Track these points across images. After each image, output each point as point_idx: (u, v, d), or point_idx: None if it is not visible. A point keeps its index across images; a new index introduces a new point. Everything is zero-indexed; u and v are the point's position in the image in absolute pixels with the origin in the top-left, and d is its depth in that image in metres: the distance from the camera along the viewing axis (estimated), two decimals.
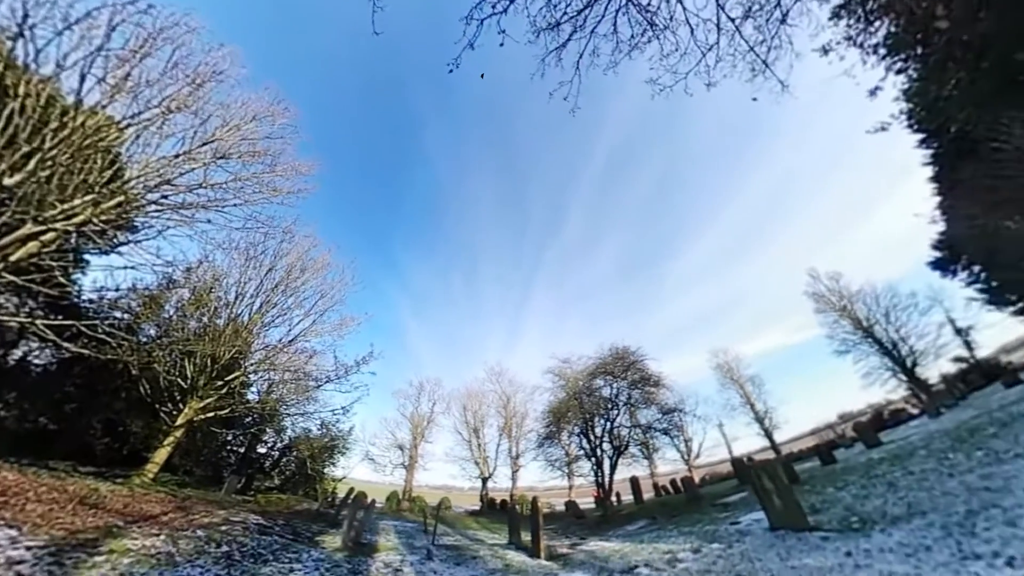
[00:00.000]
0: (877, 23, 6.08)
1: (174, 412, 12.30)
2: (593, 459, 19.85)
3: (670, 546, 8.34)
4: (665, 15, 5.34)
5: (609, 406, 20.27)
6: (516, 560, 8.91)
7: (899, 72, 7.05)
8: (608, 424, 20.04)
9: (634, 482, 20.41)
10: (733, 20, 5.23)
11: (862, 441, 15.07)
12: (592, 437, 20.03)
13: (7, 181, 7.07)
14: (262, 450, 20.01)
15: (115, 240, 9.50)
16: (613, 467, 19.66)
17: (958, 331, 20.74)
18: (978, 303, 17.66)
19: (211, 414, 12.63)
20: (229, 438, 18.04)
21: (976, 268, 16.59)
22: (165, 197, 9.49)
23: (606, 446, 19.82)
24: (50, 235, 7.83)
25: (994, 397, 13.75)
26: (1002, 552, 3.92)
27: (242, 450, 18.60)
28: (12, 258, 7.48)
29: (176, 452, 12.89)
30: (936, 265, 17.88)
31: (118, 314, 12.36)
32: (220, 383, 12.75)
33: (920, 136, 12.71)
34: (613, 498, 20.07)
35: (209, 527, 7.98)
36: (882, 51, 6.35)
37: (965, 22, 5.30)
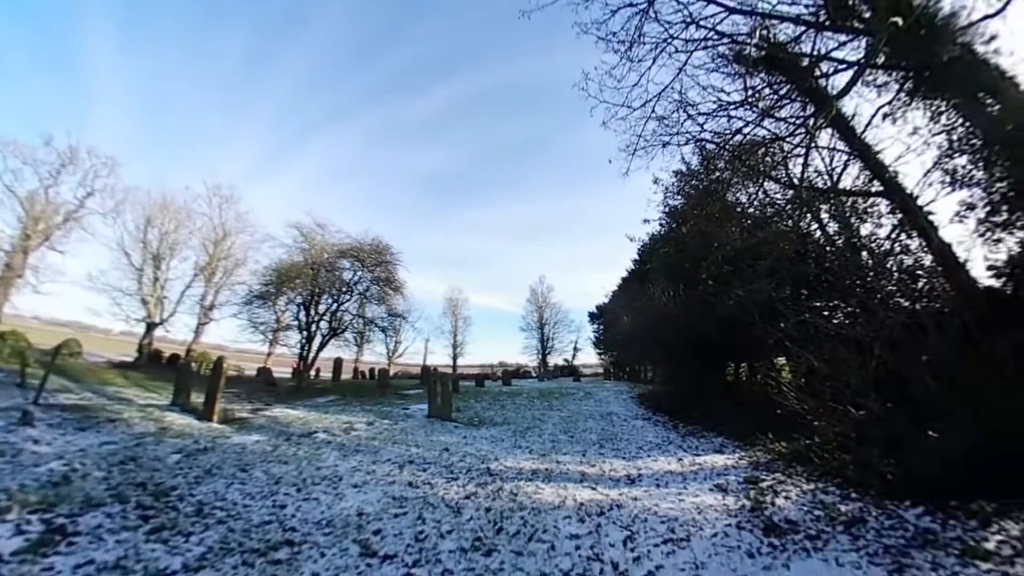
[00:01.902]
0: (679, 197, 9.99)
1: None
2: (305, 333, 19.69)
3: (350, 418, 10.10)
4: (640, 55, 5.91)
5: (344, 289, 20.37)
6: (178, 423, 7.80)
7: (661, 226, 12.01)
8: (336, 306, 20.25)
9: (337, 362, 21.92)
10: (654, 112, 6.36)
11: (502, 380, 23.43)
12: (313, 312, 19.74)
13: None
14: None
15: None
16: (323, 345, 20.20)
17: (575, 348, 39.58)
18: (591, 341, 36.83)
19: None
20: None
21: (601, 327, 34.04)
22: None
23: (323, 324, 20.07)
24: None
25: (565, 380, 25.70)
26: (531, 447, 7.51)
27: None
28: None
29: None
30: (591, 315, 36.39)
31: None
32: None
33: (636, 257, 23.25)
34: (312, 373, 20.57)
35: None
36: (664, 213, 10.79)
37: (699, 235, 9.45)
